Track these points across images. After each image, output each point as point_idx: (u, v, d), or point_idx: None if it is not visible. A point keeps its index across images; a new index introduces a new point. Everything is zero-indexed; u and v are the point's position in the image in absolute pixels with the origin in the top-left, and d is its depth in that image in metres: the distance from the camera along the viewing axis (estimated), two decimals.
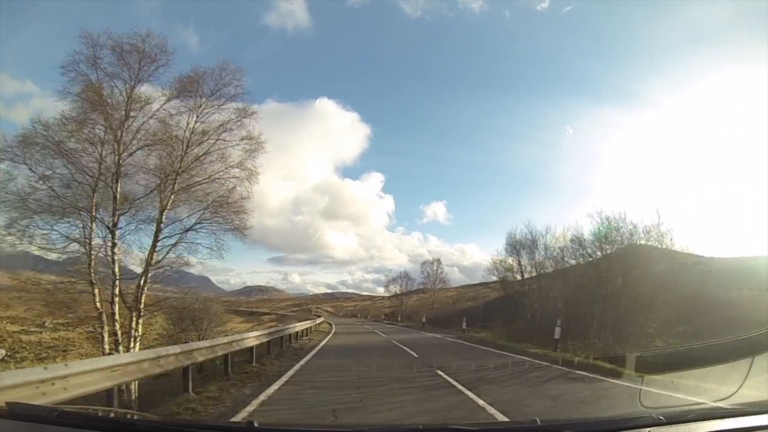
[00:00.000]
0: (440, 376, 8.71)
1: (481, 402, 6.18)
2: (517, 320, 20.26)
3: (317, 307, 77.13)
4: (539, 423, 1.67)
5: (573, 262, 20.04)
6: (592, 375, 8.78)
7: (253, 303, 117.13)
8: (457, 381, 7.90)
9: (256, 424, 1.56)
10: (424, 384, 8.15)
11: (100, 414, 1.90)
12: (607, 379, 8.14)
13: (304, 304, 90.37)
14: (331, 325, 34.11)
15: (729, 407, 2.04)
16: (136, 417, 2.03)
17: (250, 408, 5.92)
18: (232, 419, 5.13)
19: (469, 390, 7.09)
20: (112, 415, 1.96)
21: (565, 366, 10.22)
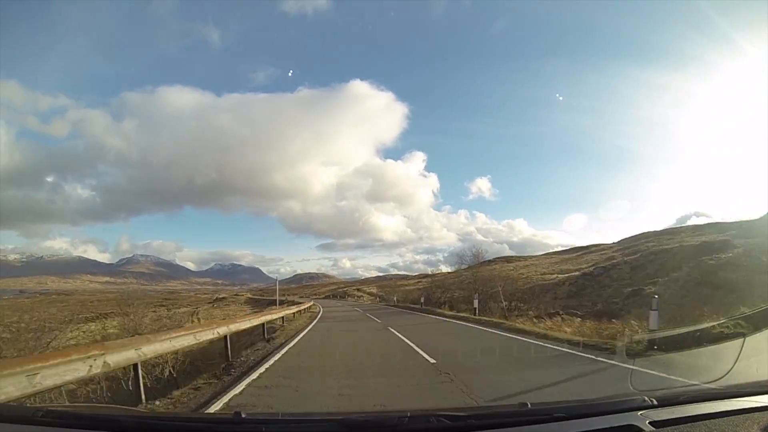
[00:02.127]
0: None
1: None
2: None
3: (357, 289, 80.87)
4: (530, 406, 1.84)
5: None
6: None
7: (290, 290, 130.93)
8: None
9: (243, 415, 1.74)
10: None
11: (85, 412, 2.02)
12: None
13: (350, 286, 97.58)
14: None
15: (720, 388, 2.20)
16: (121, 412, 2.14)
17: None
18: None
19: None
20: (97, 412, 2.11)
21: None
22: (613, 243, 52.37)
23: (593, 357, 8.56)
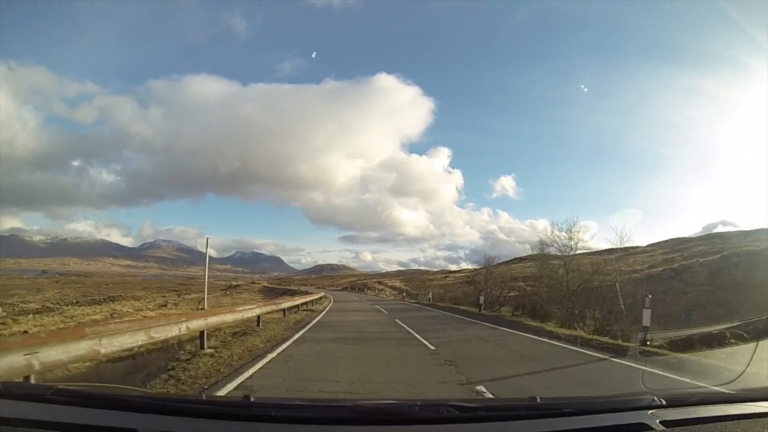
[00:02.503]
0: None
1: None
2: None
3: (378, 282, 76.01)
4: (539, 400, 1.83)
5: None
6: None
7: (310, 281, 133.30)
8: None
9: (252, 399, 1.77)
10: None
11: (95, 391, 2.03)
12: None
13: (371, 278, 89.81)
14: None
15: (731, 392, 2.19)
16: (131, 393, 2.17)
17: None
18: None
19: None
20: (107, 391, 2.10)
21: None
22: (648, 246, 50.56)
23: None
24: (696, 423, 1.75)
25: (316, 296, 30.22)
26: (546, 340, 11.53)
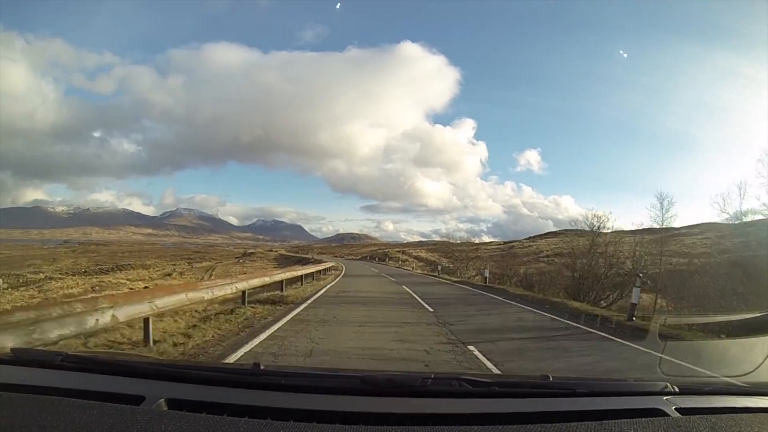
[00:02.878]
0: None
1: None
2: None
3: (401, 252, 69.67)
4: (551, 379, 1.80)
5: None
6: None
7: (329, 249, 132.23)
8: None
9: (261, 367, 1.74)
10: None
11: (104, 357, 2.03)
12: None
13: (393, 248, 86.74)
14: None
15: (745, 384, 2.10)
16: (140, 359, 2.19)
17: None
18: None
19: None
20: (116, 358, 2.14)
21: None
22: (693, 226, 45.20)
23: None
24: (711, 413, 1.63)
25: (325, 265, 27.28)
26: None
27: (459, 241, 50.89)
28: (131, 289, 22.07)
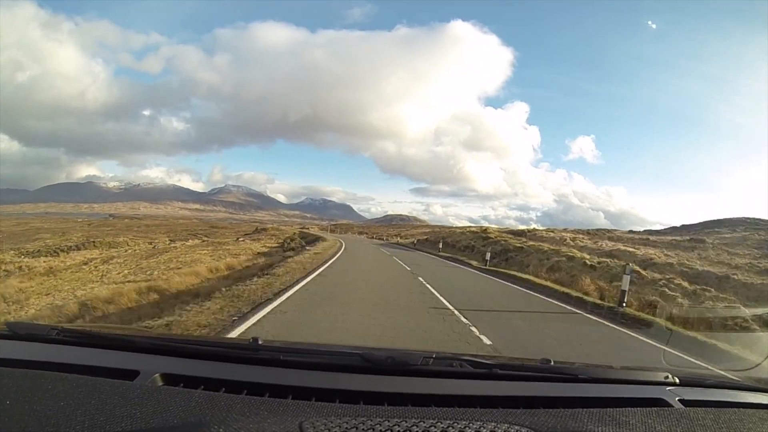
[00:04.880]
0: None
1: None
2: None
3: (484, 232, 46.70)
4: (552, 363, 1.83)
5: None
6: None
7: (374, 228, 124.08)
8: None
9: (260, 342, 1.77)
10: None
11: (100, 331, 2.01)
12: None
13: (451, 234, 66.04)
14: None
15: (747, 379, 2.12)
16: (136, 333, 2.23)
17: None
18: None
19: None
20: (113, 332, 2.11)
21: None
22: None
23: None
24: (714, 406, 1.64)
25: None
26: None
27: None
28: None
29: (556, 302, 12.18)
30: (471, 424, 1.20)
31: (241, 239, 49.50)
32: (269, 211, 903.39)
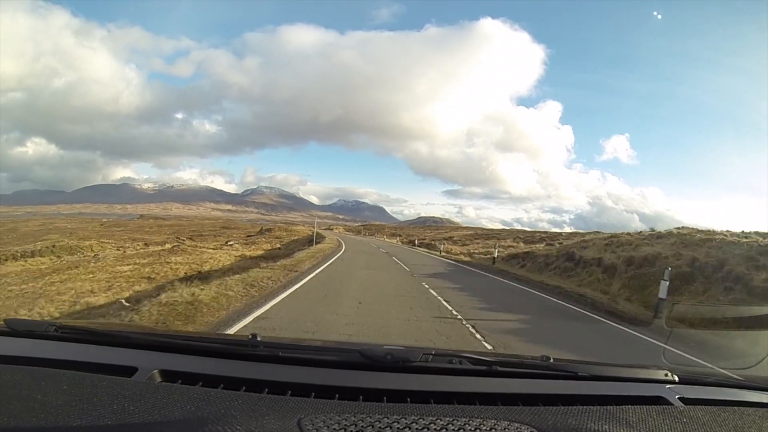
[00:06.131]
0: None
1: None
2: None
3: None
4: (552, 360, 1.85)
5: None
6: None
7: (405, 230, 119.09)
8: None
9: (259, 338, 1.79)
10: None
11: (98, 328, 2.04)
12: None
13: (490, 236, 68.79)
14: None
15: (748, 378, 2.13)
16: (136, 330, 2.32)
17: None
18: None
19: None
20: (112, 328, 2.17)
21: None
22: None
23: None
24: (714, 404, 1.70)
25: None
26: None
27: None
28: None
29: None
30: (471, 421, 1.20)
31: (231, 242, 44.82)
32: (302, 212, 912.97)
